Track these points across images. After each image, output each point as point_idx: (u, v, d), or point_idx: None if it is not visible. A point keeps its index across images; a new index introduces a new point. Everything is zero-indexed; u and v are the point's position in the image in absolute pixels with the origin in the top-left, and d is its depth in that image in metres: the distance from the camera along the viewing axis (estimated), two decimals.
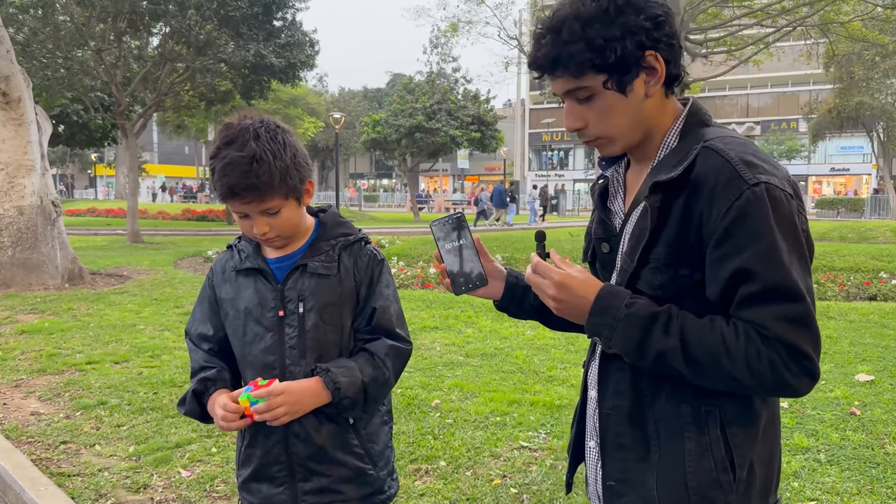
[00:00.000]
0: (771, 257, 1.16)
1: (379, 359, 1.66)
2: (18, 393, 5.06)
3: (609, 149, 1.35)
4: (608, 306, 1.26)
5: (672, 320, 1.22)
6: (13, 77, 9.66)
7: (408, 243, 14.17)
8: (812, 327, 1.18)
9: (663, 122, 1.32)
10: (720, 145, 1.22)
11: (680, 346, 1.20)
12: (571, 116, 1.32)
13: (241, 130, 1.56)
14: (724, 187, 1.18)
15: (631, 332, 1.23)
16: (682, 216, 1.23)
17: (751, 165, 1.19)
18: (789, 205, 1.19)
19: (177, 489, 3.46)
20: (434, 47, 36.88)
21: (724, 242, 1.18)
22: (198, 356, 1.75)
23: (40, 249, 9.92)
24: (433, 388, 5.02)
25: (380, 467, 1.74)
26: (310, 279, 1.66)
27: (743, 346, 1.17)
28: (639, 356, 1.25)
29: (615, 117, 1.29)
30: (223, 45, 17.31)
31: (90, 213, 30.23)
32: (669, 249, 1.24)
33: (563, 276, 1.30)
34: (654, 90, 1.28)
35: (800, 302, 1.17)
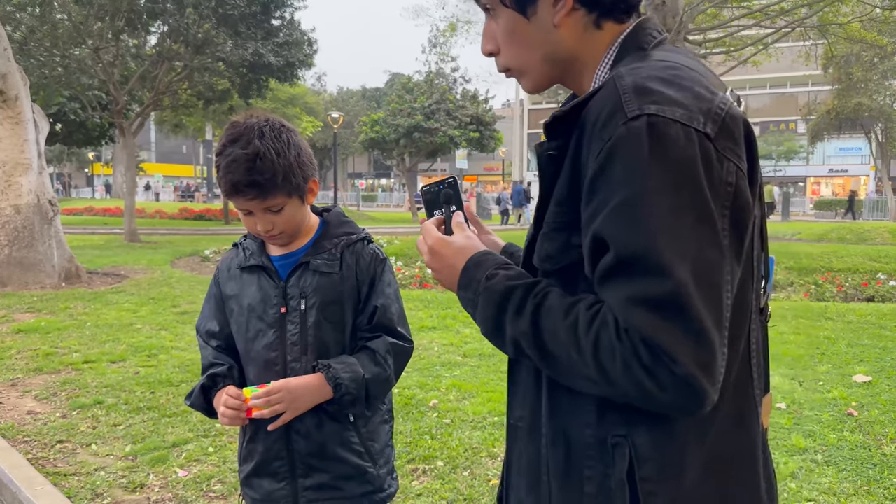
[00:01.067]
0: (629, 215, 0.86)
1: (380, 356, 1.69)
2: (15, 392, 5.05)
3: (524, 83, 1.11)
4: (471, 279, 1.05)
5: (528, 298, 0.97)
6: (10, 75, 9.63)
7: (406, 243, 14.15)
8: (687, 319, 0.83)
9: (593, 56, 1.06)
10: (623, 71, 0.95)
11: (531, 333, 0.95)
12: (485, 36, 1.11)
13: (246, 129, 1.59)
14: (604, 124, 0.90)
15: (488, 310, 1.01)
16: (571, 166, 0.96)
17: (643, 93, 0.89)
18: (688, 145, 0.86)
19: (173, 489, 3.46)
20: (433, 47, 36.81)
21: (590, 199, 0.91)
22: (207, 353, 1.79)
23: (37, 248, 9.90)
24: (431, 388, 5.01)
25: (380, 465, 1.76)
26: (312, 276, 1.69)
27: (593, 338, 0.88)
28: (499, 342, 1.02)
29: (519, 44, 1.06)
30: (221, 44, 17.28)
31: (87, 211, 30.18)
32: (559, 209, 0.98)
33: (436, 242, 1.12)
34: (562, 17, 1.02)
35: (663, 279, 0.83)
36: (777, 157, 45.90)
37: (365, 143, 33.11)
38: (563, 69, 1.08)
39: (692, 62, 1.00)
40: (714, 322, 0.84)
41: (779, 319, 7.44)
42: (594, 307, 0.90)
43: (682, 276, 0.83)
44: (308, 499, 1.70)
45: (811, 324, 7.25)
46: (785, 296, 9.42)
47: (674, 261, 0.84)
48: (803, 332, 6.90)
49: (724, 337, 0.85)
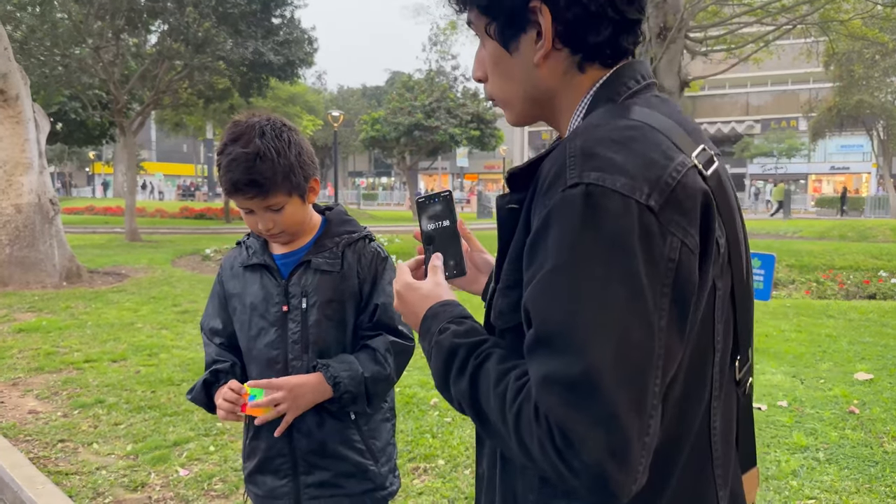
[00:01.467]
0: (553, 287, 0.82)
1: (380, 354, 1.69)
2: (16, 391, 5.05)
3: (507, 116, 1.08)
4: (427, 330, 1.04)
5: (470, 359, 0.94)
6: (11, 75, 9.63)
7: (407, 241, 14.15)
8: (598, 404, 0.77)
9: (570, 101, 1.01)
10: (580, 130, 0.90)
11: (469, 394, 0.93)
12: (476, 62, 1.07)
13: (247, 128, 1.60)
14: (548, 187, 0.87)
15: (436, 364, 0.99)
16: (524, 224, 0.93)
17: (588, 158, 0.84)
18: (625, 217, 0.81)
19: (174, 488, 3.46)
20: (433, 45, 36.85)
21: (528, 265, 0.88)
22: (211, 350, 1.81)
23: (38, 247, 9.90)
24: (431, 386, 5.01)
25: (381, 463, 1.76)
26: (314, 275, 1.70)
27: (515, 412, 0.84)
28: (447, 398, 1.00)
29: (502, 77, 1.03)
30: (221, 43, 17.26)
31: (88, 211, 30.20)
32: (512, 267, 0.94)
33: (402, 286, 1.11)
34: (541, 57, 0.96)
35: (577, 359, 0.78)
36: (778, 155, 45.84)
37: (365, 141, 33.09)
38: (543, 108, 1.03)
39: (660, 117, 0.93)
40: (631, 407, 0.78)
41: (780, 317, 7.43)
42: (523, 378, 0.86)
43: (598, 357, 0.78)
44: (310, 496, 1.71)
45: (813, 321, 7.25)
46: (786, 293, 9.42)
47: (591, 340, 0.78)
48: (805, 329, 6.90)
49: (644, 424, 0.79)
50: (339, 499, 1.72)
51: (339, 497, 1.72)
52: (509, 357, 0.92)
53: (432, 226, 1.21)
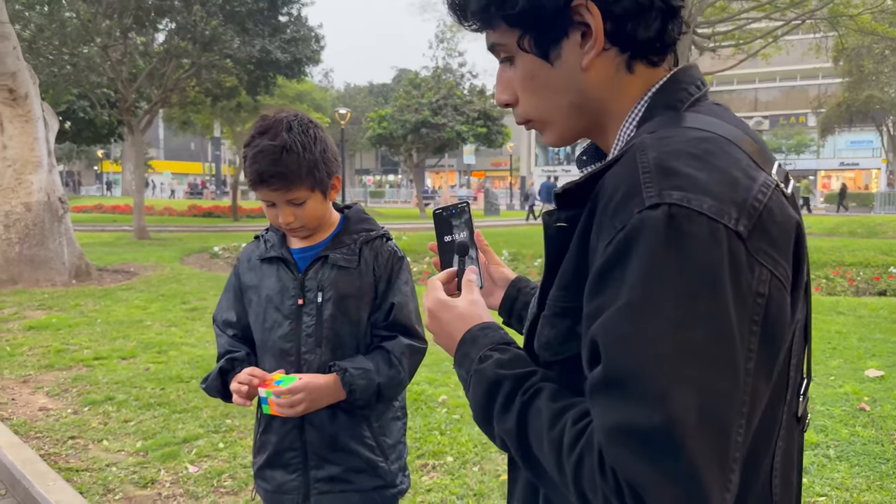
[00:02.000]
0: (628, 324, 0.72)
1: (395, 358, 1.71)
2: (27, 388, 5.08)
3: (547, 136, 0.98)
4: (465, 356, 0.96)
5: (517, 395, 0.86)
6: (20, 73, 9.68)
7: (414, 239, 14.17)
8: (678, 462, 0.68)
9: (620, 107, 0.92)
10: (648, 141, 0.80)
11: (516, 434, 0.85)
12: (499, 85, 0.97)
13: (275, 122, 1.64)
14: (618, 207, 0.76)
15: (476, 395, 0.91)
16: (578, 246, 0.84)
17: (667, 174, 0.75)
18: (713, 245, 0.72)
19: (184, 484, 3.47)
20: (440, 42, 36.81)
21: (594, 294, 0.78)
22: (223, 340, 1.82)
23: (47, 246, 9.95)
24: (440, 383, 5.02)
25: (391, 461, 1.77)
26: (330, 270, 1.72)
27: (575, 461, 0.75)
28: (488, 433, 0.91)
29: (541, 92, 0.93)
30: (229, 41, 17.30)
31: (97, 209, 30.36)
32: (563, 294, 0.86)
33: (435, 304, 1.03)
34: (592, 59, 0.88)
35: (656, 409, 0.69)
36: (787, 151, 45.64)
37: (372, 139, 33.11)
38: (590, 119, 0.94)
39: (731, 128, 0.84)
40: (714, 462, 0.70)
41: None
42: (583, 421, 0.77)
43: (680, 407, 0.69)
44: (320, 490, 1.72)
45: (822, 318, 7.21)
46: None
47: (672, 388, 0.69)
48: (815, 326, 6.81)
49: (726, 479, 0.71)
50: (348, 494, 1.72)
51: (349, 493, 1.72)
52: (561, 394, 0.84)
53: (449, 238, 1.19)
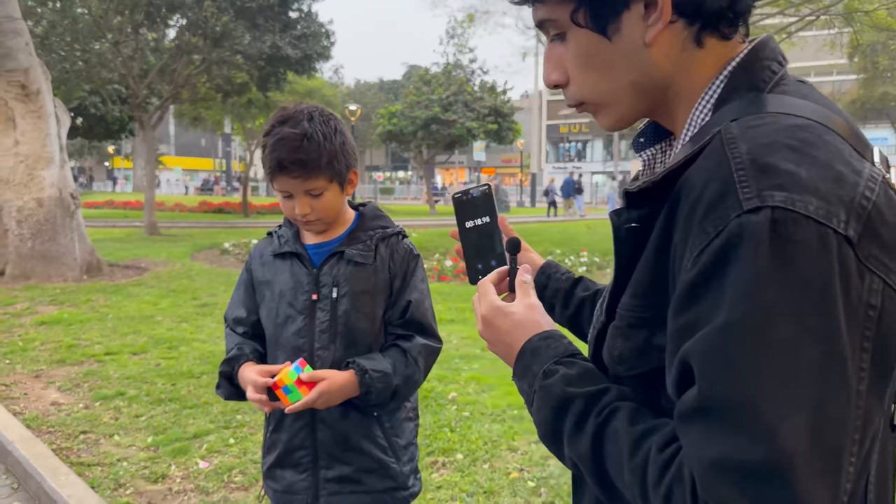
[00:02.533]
0: (729, 345, 0.65)
1: (412, 357, 1.70)
2: (38, 383, 5.11)
3: (604, 118, 0.89)
4: (527, 369, 0.88)
5: (590, 415, 0.79)
6: (32, 70, 9.72)
7: (424, 236, 14.16)
8: (789, 498, 0.62)
9: (691, 85, 0.83)
10: (736, 131, 0.71)
11: (591, 459, 0.78)
12: (549, 64, 0.89)
13: (296, 112, 1.64)
14: (709, 209, 0.68)
15: (543, 412, 0.84)
16: (657, 250, 0.76)
17: (765, 171, 0.66)
18: (823, 254, 0.64)
19: (195, 480, 3.48)
20: (450, 38, 36.62)
21: (685, 308, 0.70)
22: (232, 339, 1.80)
23: (59, 241, 10.01)
24: (450, 381, 5.01)
25: (403, 462, 1.75)
26: (346, 266, 1.70)
27: (664, 494, 0.68)
28: (556, 452, 0.85)
29: (598, 71, 0.84)
30: (239, 37, 17.33)
31: (108, 205, 30.50)
32: (637, 303, 0.79)
33: (490, 310, 0.95)
34: (657, 32, 0.79)
35: (763, 441, 0.62)
36: None
37: (382, 135, 33.10)
38: (654, 99, 0.85)
39: (824, 110, 0.75)
40: (826, 494, 0.63)
41: None
42: (669, 448, 0.70)
43: (789, 437, 0.62)
44: (329, 491, 1.70)
45: None
46: None
47: (781, 417, 0.62)
48: None
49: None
50: (358, 495, 1.70)
51: (359, 494, 1.70)
52: (640, 415, 0.77)
53: (471, 223, 1.13)
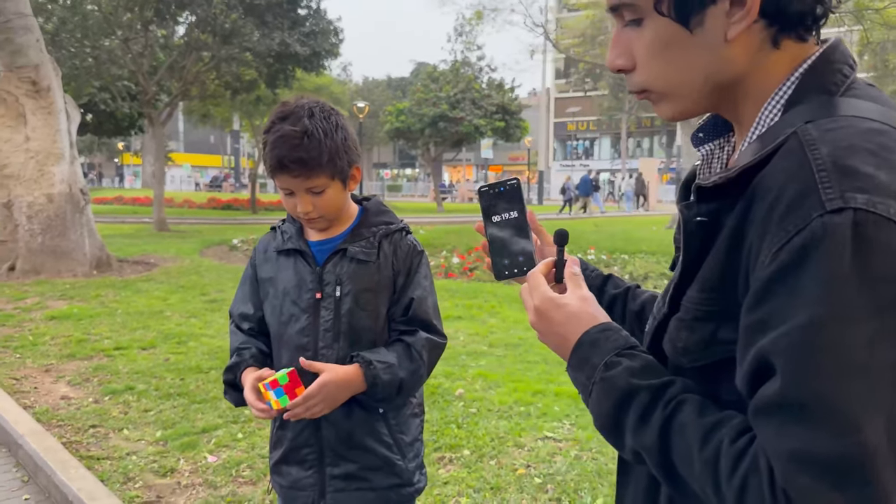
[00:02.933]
0: (811, 343, 0.67)
1: (416, 352, 1.68)
2: (48, 377, 5.15)
3: (664, 108, 0.89)
4: (585, 361, 0.88)
5: (656, 407, 0.80)
6: (43, 66, 9.78)
7: (431, 233, 14.17)
8: (868, 493, 0.65)
9: (762, 85, 0.83)
10: (814, 133, 0.72)
11: (658, 450, 0.79)
12: (616, 48, 0.88)
13: (296, 108, 1.61)
14: (788, 209, 0.70)
15: (604, 405, 0.85)
16: (729, 245, 0.77)
17: (847, 174, 0.68)
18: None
19: (203, 474, 3.50)
20: (459, 35, 36.57)
21: (760, 303, 0.71)
22: (236, 338, 1.78)
23: (69, 237, 10.07)
24: (457, 377, 5.02)
25: (409, 459, 1.74)
26: (349, 264, 1.68)
27: (738, 486, 0.70)
28: (615, 443, 0.86)
29: (673, 62, 0.84)
30: (248, 34, 17.37)
31: (117, 201, 30.66)
32: (705, 296, 0.80)
33: (544, 302, 0.93)
34: (741, 30, 0.79)
35: (844, 436, 0.65)
36: None
37: (390, 132, 33.12)
38: (722, 96, 0.85)
39: (894, 113, 0.77)
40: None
41: None
42: (741, 439, 0.72)
43: (872, 434, 0.64)
44: (335, 488, 1.69)
45: None
46: None
47: (863, 413, 0.65)
48: None
49: None
50: (364, 492, 1.69)
51: (365, 490, 1.69)
52: (707, 407, 0.78)
53: (497, 218, 1.11)
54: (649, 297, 1.18)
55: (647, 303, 1.18)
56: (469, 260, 10.93)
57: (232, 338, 1.80)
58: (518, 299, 8.13)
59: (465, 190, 46.18)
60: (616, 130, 53.84)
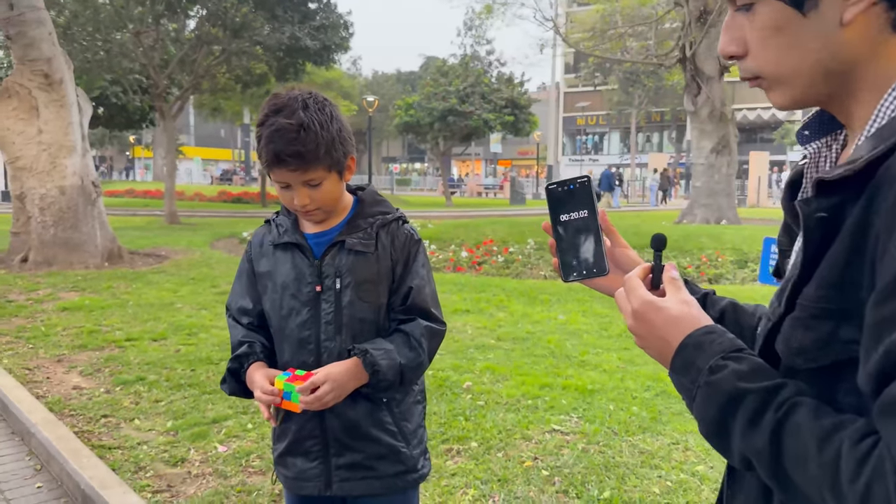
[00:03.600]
0: None
1: (415, 340, 1.67)
2: (61, 367, 5.20)
3: (776, 95, 0.86)
4: (689, 364, 0.85)
5: (767, 410, 0.76)
6: (55, 59, 9.84)
7: (439, 227, 14.17)
8: None
9: (879, 73, 0.79)
10: None
11: (769, 454, 0.75)
12: (727, 34, 0.86)
13: (289, 100, 1.57)
14: None
15: (710, 409, 0.82)
16: (852, 241, 0.74)
17: None
18: None
19: (213, 463, 3.53)
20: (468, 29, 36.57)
21: (888, 300, 0.68)
22: (237, 332, 1.77)
23: (81, 229, 10.15)
24: (465, 370, 5.04)
25: (413, 446, 1.75)
26: (347, 256, 1.67)
27: (862, 491, 0.66)
28: (721, 448, 0.83)
29: (785, 47, 0.81)
30: (259, 28, 17.44)
31: (128, 194, 30.82)
32: (825, 294, 0.77)
33: (643, 305, 0.91)
34: (858, 13, 0.77)
35: None
36: None
37: (399, 126, 33.13)
38: (836, 84, 0.82)
39: None
40: None
41: None
42: (864, 442, 0.68)
43: None
44: (341, 478, 1.70)
45: None
46: None
47: None
48: None
49: None
50: (370, 481, 1.70)
51: (371, 479, 1.70)
52: (823, 410, 0.74)
53: (566, 217, 1.07)
54: (728, 305, 1.14)
55: (726, 310, 1.13)
56: (477, 254, 10.94)
57: (232, 331, 1.79)
58: (525, 293, 8.12)
59: (474, 184, 46.14)
60: (626, 125, 53.65)
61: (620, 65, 32.46)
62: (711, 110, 16.40)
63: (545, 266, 10.11)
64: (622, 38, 22.14)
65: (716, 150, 16.67)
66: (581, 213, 1.06)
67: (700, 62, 16.47)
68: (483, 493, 3.19)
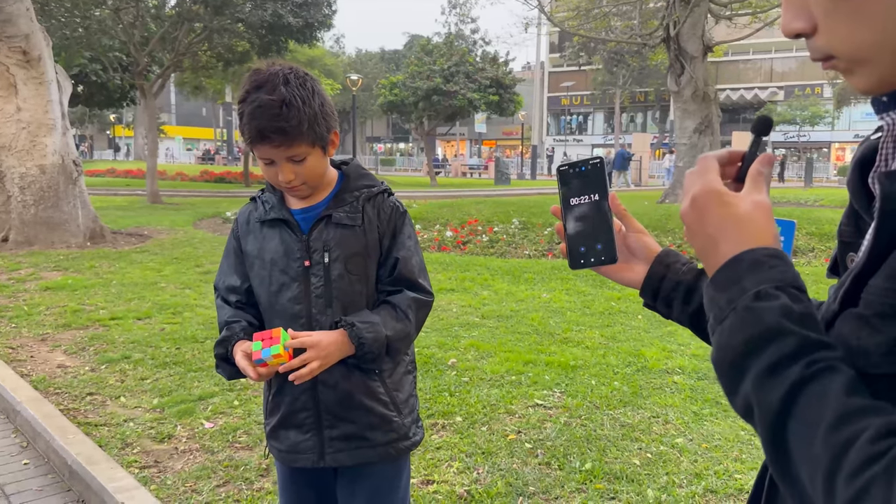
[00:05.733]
0: None
1: (401, 311, 1.69)
2: (45, 346, 5.19)
3: (858, 78, 0.70)
4: (735, 281, 0.70)
5: (799, 359, 0.64)
6: (33, 35, 9.68)
7: (424, 206, 14.16)
8: None
9: None
10: None
11: (774, 411, 0.63)
12: (790, 8, 0.71)
13: (270, 76, 1.56)
14: None
15: (735, 337, 0.68)
16: None
17: None
18: None
19: (200, 440, 3.57)
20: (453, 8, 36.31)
21: None
22: (224, 312, 1.77)
23: (62, 208, 10.06)
24: (449, 347, 5.09)
25: (405, 415, 1.78)
26: (335, 230, 1.68)
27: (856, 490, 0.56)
28: (727, 384, 0.70)
29: (858, 18, 0.66)
30: (240, 5, 17.21)
31: (109, 173, 30.46)
32: (893, 288, 0.64)
33: (707, 194, 0.75)
34: None
35: None
36: (802, 123, 45.10)
37: (383, 106, 32.93)
38: None
39: None
40: None
41: None
42: (885, 441, 0.57)
43: None
44: (335, 448, 1.72)
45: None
46: (806, 261, 9.36)
47: None
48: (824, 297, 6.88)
49: None
50: (364, 450, 1.73)
51: (364, 449, 1.73)
52: (861, 389, 0.62)
53: (576, 200, 1.01)
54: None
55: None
56: (462, 234, 10.97)
57: (219, 312, 1.79)
58: (509, 272, 8.17)
59: (459, 164, 46.06)
60: (610, 105, 53.67)
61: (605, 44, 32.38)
62: (695, 90, 16.44)
63: (529, 245, 10.16)
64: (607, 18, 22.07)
65: (698, 130, 16.74)
66: (593, 197, 1.01)
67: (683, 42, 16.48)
68: (468, 466, 3.25)
